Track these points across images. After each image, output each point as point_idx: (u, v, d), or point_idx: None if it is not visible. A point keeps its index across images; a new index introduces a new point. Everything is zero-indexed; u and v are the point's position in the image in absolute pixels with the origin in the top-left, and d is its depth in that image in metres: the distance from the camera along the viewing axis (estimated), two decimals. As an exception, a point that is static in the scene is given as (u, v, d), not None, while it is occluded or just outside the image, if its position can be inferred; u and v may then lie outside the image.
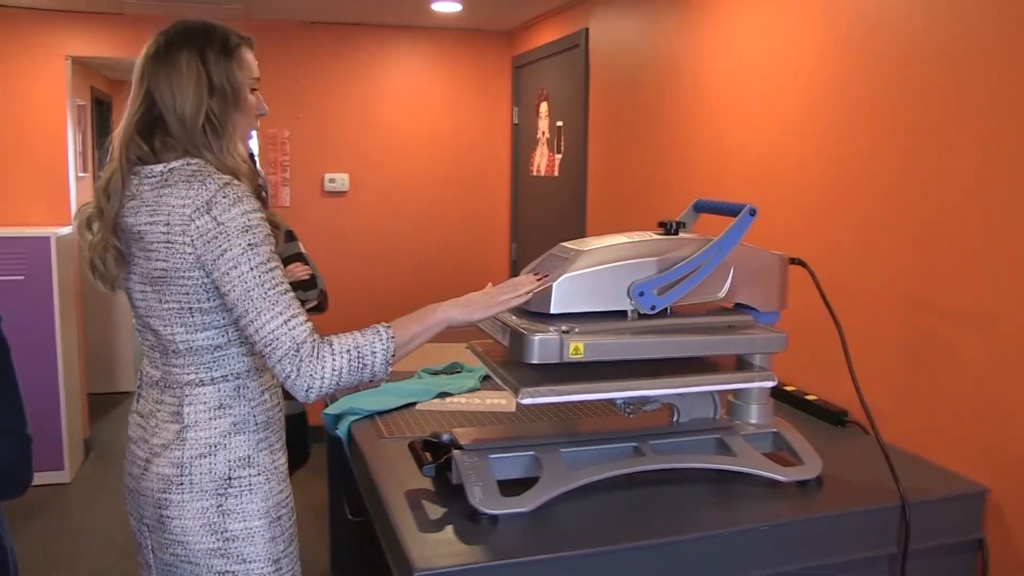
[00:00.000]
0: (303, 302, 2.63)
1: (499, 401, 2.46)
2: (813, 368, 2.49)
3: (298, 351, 1.53)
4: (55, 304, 4.50)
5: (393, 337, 1.61)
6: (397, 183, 5.42)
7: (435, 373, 2.76)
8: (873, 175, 2.28)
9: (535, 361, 1.62)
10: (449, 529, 1.67)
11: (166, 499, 1.64)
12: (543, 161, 4.92)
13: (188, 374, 1.65)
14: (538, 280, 1.71)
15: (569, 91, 4.50)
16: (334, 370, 1.55)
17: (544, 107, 4.88)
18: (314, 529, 3.68)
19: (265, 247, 1.55)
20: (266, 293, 1.53)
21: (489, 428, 2.18)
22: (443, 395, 2.52)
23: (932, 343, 2.12)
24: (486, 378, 2.67)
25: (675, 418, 1.97)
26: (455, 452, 1.77)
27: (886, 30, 2.22)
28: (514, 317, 1.74)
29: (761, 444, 1.95)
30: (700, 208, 2.04)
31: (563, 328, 1.64)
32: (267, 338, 1.53)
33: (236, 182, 1.58)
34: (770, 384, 1.85)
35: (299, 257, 2.73)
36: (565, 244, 1.82)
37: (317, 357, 1.54)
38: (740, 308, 1.90)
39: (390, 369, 1.62)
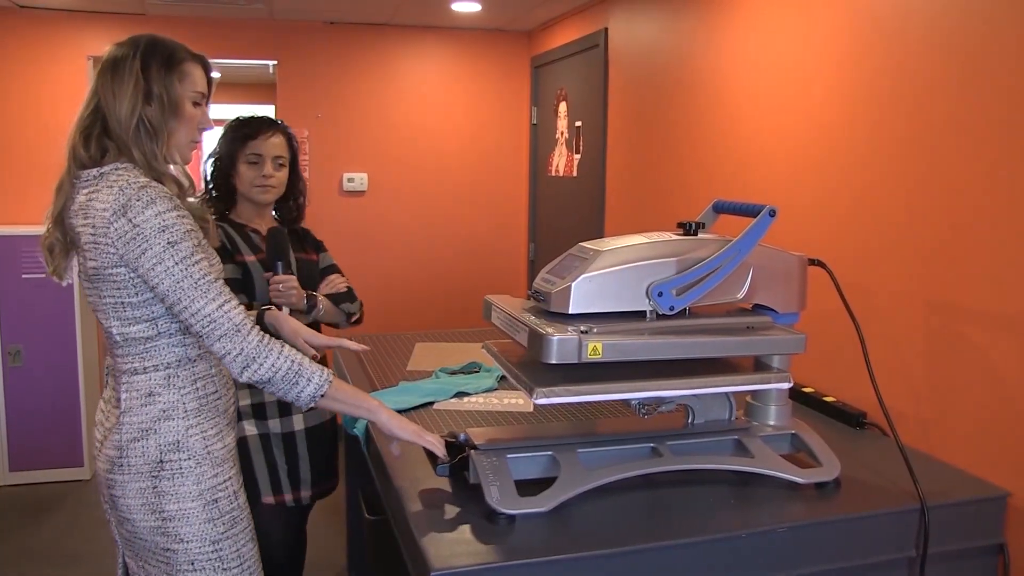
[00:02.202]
0: (349, 315, 2.65)
1: (516, 401, 2.46)
2: (832, 370, 2.48)
3: (239, 331, 1.67)
4: (75, 301, 4.54)
5: (331, 383, 1.76)
6: (416, 183, 5.43)
7: (453, 373, 2.76)
8: (896, 176, 2.27)
9: (554, 361, 1.62)
10: (466, 529, 1.67)
11: (112, 479, 1.77)
12: (562, 161, 4.91)
13: (125, 363, 1.77)
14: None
15: (588, 91, 4.49)
16: (273, 366, 1.70)
17: (563, 107, 4.88)
18: (332, 528, 3.70)
19: (186, 243, 1.67)
20: (196, 283, 1.66)
21: (506, 428, 2.18)
22: (461, 395, 2.53)
23: (953, 345, 2.10)
24: (503, 378, 2.67)
25: (690, 420, 1.97)
26: (472, 452, 1.78)
27: (910, 30, 2.21)
28: (532, 317, 1.74)
29: (779, 446, 1.94)
30: (719, 209, 2.03)
31: (582, 328, 1.64)
32: (204, 321, 1.67)
33: (153, 185, 1.68)
34: (786, 386, 1.85)
35: (334, 269, 2.75)
36: (584, 244, 1.82)
37: (266, 345, 1.70)
38: (759, 309, 1.89)
39: (312, 405, 1.76)
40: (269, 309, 2.24)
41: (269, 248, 2.50)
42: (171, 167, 1.78)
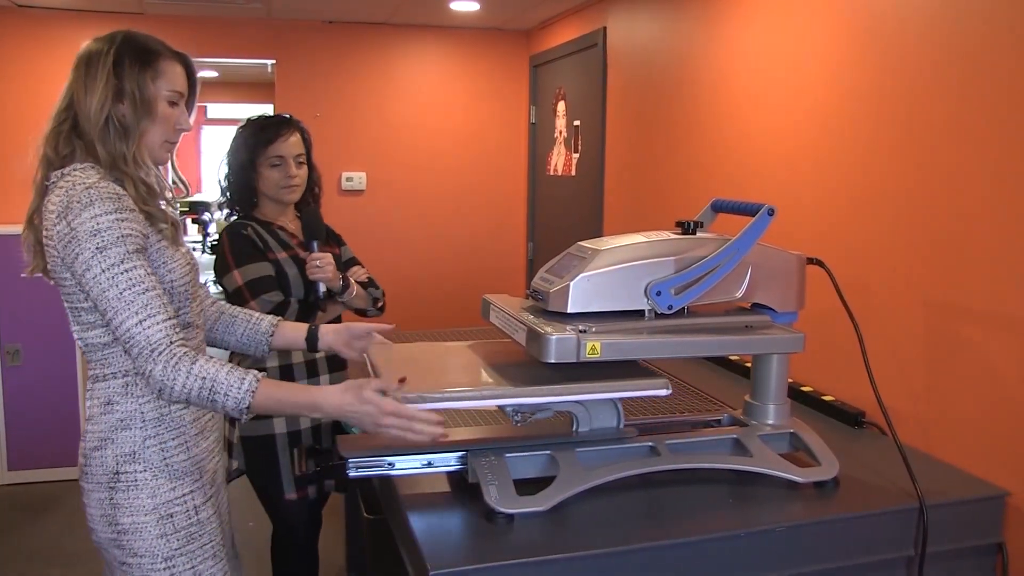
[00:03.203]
0: (375, 300, 2.66)
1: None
2: (831, 369, 2.48)
3: (152, 352, 1.56)
4: (75, 301, 4.53)
5: (254, 392, 1.60)
6: (414, 182, 5.43)
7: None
8: (895, 175, 2.27)
9: (552, 360, 1.63)
10: (465, 528, 1.67)
11: (80, 486, 1.73)
12: (560, 160, 4.91)
13: (90, 369, 1.73)
14: (438, 429, 1.64)
15: (587, 90, 4.49)
16: (184, 387, 1.57)
17: (562, 106, 4.88)
18: (331, 527, 3.69)
19: (116, 249, 1.57)
20: (121, 294, 1.56)
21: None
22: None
23: (952, 344, 2.10)
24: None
25: (574, 427, 1.87)
26: (469, 453, 1.77)
27: (909, 30, 2.21)
28: (531, 316, 1.74)
29: (778, 445, 1.94)
30: (718, 208, 2.03)
31: (580, 328, 1.64)
32: (124, 336, 1.58)
33: (99, 186, 1.59)
34: (664, 392, 1.74)
35: (355, 261, 2.79)
36: (582, 243, 1.82)
37: (173, 367, 1.56)
38: (758, 308, 1.89)
39: (244, 417, 1.64)
40: (319, 327, 2.07)
41: (305, 227, 2.55)
42: (141, 171, 1.69)
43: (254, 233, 2.52)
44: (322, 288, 2.46)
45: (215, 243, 2.68)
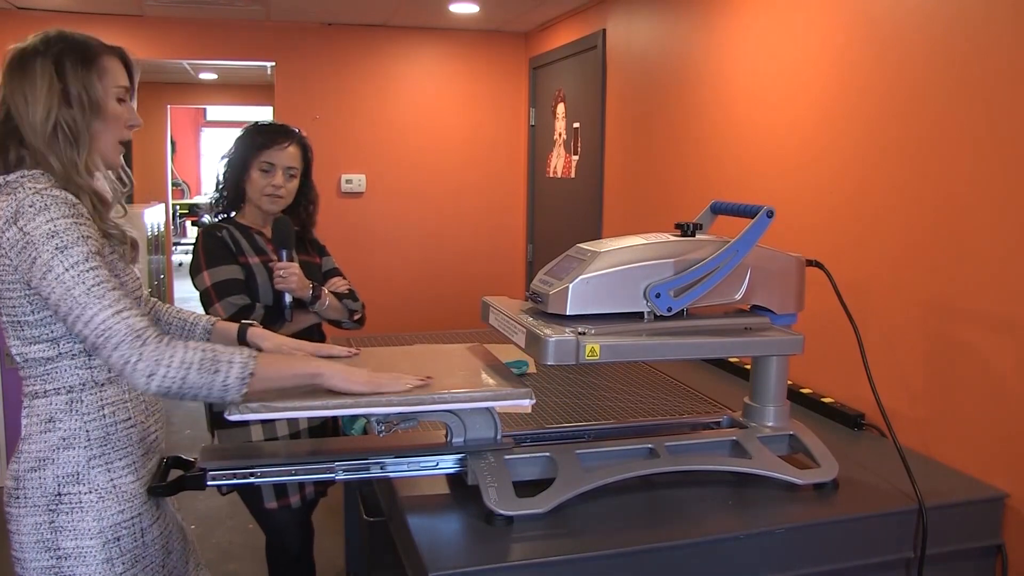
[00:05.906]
0: (351, 312, 2.65)
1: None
2: (830, 370, 2.48)
3: (140, 336, 1.48)
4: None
5: (255, 357, 1.56)
6: (414, 184, 5.43)
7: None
8: (894, 176, 2.27)
9: (551, 362, 1.62)
10: (464, 530, 1.67)
11: (8, 512, 1.63)
12: (560, 162, 4.91)
13: (27, 386, 1.64)
14: (422, 380, 1.70)
15: (586, 92, 4.49)
16: (183, 362, 1.49)
17: (561, 108, 4.88)
18: (330, 530, 3.69)
19: (78, 248, 1.50)
20: (89, 289, 1.49)
21: (269, 445, 2.11)
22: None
23: (951, 346, 2.10)
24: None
25: (449, 438, 1.80)
26: (469, 455, 1.77)
27: (906, 29, 2.21)
28: (530, 318, 1.74)
29: (777, 446, 1.94)
30: (717, 210, 2.03)
31: (579, 330, 1.64)
32: (99, 329, 1.48)
33: (48, 191, 1.53)
34: (527, 402, 1.71)
35: (337, 272, 2.76)
36: (581, 245, 1.82)
37: (167, 344, 1.49)
38: (757, 310, 1.89)
39: (244, 390, 1.53)
40: (252, 326, 2.00)
41: (275, 236, 2.53)
42: (95, 178, 1.63)
43: (228, 236, 2.51)
44: (288, 298, 2.45)
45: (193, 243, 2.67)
